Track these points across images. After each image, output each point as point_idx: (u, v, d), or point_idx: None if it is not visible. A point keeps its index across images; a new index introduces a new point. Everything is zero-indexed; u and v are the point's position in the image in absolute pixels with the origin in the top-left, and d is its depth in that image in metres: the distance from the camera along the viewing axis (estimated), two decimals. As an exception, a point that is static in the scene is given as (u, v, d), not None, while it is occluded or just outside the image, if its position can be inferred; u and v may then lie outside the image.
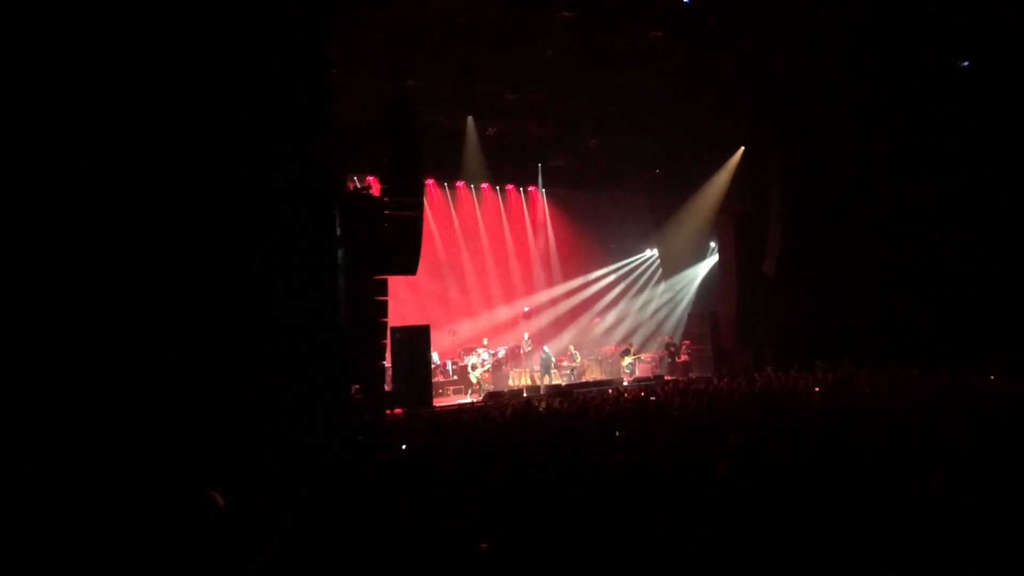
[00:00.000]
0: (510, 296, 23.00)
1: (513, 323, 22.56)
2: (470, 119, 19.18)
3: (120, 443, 7.80)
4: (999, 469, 5.02)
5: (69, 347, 8.04)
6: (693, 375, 19.31)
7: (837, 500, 4.54)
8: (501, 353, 20.16)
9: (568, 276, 24.12)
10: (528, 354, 20.69)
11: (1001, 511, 4.18)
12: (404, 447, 8.27)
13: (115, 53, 8.55)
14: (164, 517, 4.48)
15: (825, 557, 3.87)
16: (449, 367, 19.38)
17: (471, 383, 18.26)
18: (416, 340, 15.43)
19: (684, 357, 21.02)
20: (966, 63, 17.14)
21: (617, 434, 7.67)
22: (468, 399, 17.51)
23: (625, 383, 18.49)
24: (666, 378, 18.88)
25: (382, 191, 14.24)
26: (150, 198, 8.78)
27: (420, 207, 14.62)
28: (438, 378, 18.47)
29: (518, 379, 20.07)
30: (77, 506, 5.74)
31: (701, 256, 23.64)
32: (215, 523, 4.22)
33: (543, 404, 11.70)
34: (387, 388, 15.03)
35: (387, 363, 15.21)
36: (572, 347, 21.41)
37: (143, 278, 8.67)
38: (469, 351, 19.54)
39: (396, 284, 17.95)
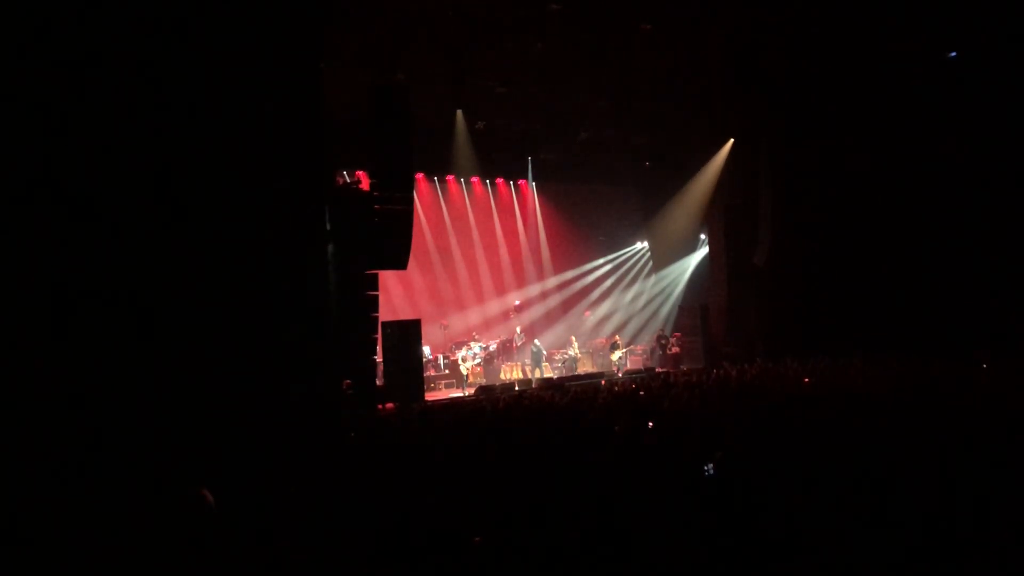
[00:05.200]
0: (501, 290, 23.00)
1: (504, 317, 22.58)
2: (460, 113, 19.14)
3: (111, 441, 7.76)
4: (993, 460, 5.06)
5: (58, 345, 7.99)
6: (684, 367, 19.37)
7: (828, 491, 4.57)
8: (492, 347, 20.17)
9: (559, 269, 24.14)
10: (520, 347, 20.70)
11: (996, 502, 4.21)
12: (397, 443, 8.26)
13: (102, 48, 8.48)
14: (155, 515, 4.46)
15: (817, 549, 3.89)
16: (441, 361, 19.38)
17: (463, 377, 18.27)
18: (407, 334, 15.41)
19: (675, 349, 21.07)
20: (953, 54, 17.21)
21: (616, 429, 7.66)
22: (460, 393, 17.52)
23: (619, 375, 18.53)
24: (657, 370, 18.94)
25: (372, 185, 14.19)
26: (138, 194, 8.73)
27: (410, 201, 14.58)
28: (430, 372, 18.48)
29: (509, 373, 20.09)
30: (68, 504, 5.71)
31: (691, 248, 23.68)
32: (206, 521, 4.20)
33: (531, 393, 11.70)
34: (379, 383, 15.01)
35: (378, 358, 15.19)
36: (574, 338, 21.44)
37: (132, 275, 8.62)
38: (460, 345, 19.53)
39: (387, 279, 17.94)
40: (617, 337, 21.42)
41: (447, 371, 19.17)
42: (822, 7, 15.38)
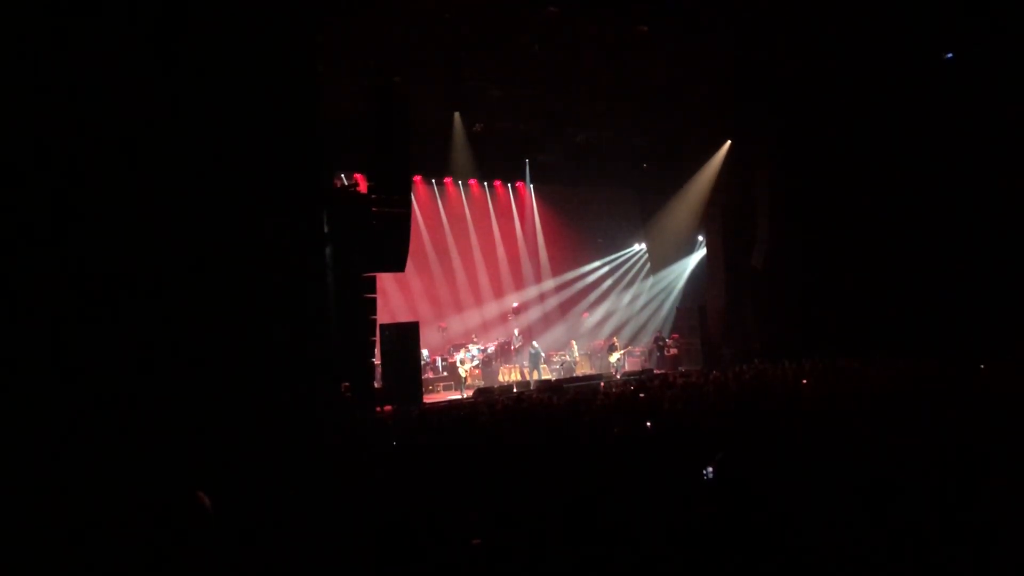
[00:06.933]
0: (499, 292, 22.99)
1: (502, 319, 22.57)
2: (457, 115, 19.13)
3: (108, 444, 7.73)
4: (991, 460, 5.05)
5: (54, 347, 7.96)
6: (682, 368, 19.36)
7: (828, 492, 4.56)
8: (491, 349, 20.16)
9: (557, 271, 24.14)
10: (518, 350, 20.69)
11: (996, 503, 4.20)
12: (395, 443, 8.25)
13: (98, 48, 8.46)
14: (151, 518, 4.45)
15: (818, 551, 3.88)
16: (439, 363, 19.38)
17: (461, 379, 18.25)
18: (405, 337, 15.42)
19: (673, 351, 21.07)
20: (950, 55, 17.23)
21: (615, 430, 7.66)
22: (458, 395, 17.51)
23: (617, 377, 18.52)
24: (655, 372, 18.93)
25: (369, 188, 14.18)
26: (134, 196, 8.71)
27: (408, 204, 14.57)
28: (428, 375, 18.48)
29: (508, 375, 20.09)
30: (64, 506, 5.68)
31: (689, 250, 23.69)
32: (202, 524, 4.19)
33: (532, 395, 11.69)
34: (377, 385, 15.01)
35: (377, 360, 15.18)
36: (574, 342, 21.47)
37: (130, 277, 8.60)
38: (458, 347, 19.53)
39: (385, 281, 17.94)
40: (615, 339, 21.42)
41: (445, 373, 19.17)
42: (821, 8, 15.39)
